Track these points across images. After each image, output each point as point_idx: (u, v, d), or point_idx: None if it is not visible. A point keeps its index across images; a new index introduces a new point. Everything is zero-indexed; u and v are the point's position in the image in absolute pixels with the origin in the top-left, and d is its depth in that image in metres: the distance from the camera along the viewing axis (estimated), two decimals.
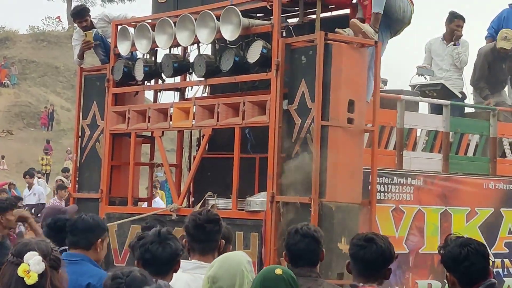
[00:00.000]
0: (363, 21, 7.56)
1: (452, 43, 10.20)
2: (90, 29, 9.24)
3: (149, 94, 9.55)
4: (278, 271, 3.88)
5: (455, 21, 10.25)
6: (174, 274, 4.28)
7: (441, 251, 4.38)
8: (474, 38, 10.58)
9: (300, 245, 4.66)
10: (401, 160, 8.13)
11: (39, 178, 20.94)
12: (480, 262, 4.31)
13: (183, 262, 4.40)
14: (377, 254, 4.48)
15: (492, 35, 10.48)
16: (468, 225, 8.39)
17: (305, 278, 4.54)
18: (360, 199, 7.20)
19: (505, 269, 8.52)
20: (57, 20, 55.26)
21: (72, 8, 9.84)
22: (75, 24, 9.57)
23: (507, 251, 8.68)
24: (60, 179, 17.57)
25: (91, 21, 9.39)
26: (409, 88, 9.74)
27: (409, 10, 7.78)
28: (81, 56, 9.33)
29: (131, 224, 8.18)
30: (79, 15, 9.38)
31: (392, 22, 7.77)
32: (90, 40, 9.09)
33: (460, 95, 9.86)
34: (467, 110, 10.03)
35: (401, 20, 7.80)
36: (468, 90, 10.23)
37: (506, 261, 8.64)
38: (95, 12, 9.92)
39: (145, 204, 9.53)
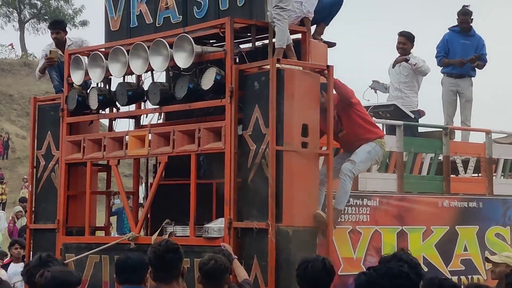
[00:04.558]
0: None
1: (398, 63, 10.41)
2: (63, 44, 9.52)
3: (104, 123, 9.53)
4: None
5: (398, 39, 10.47)
6: None
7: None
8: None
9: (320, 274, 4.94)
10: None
11: None
12: None
13: None
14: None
15: (442, 56, 10.93)
16: (425, 244, 8.47)
17: None
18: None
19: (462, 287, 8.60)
20: (10, 47, 54.78)
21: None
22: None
23: (463, 268, 8.77)
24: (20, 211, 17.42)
25: (66, 38, 9.63)
26: None
27: None
28: (42, 71, 9.56)
29: (89, 255, 8.12)
30: (52, 26, 9.84)
31: None
32: (53, 57, 9.27)
33: (412, 115, 9.97)
34: (424, 129, 10.16)
35: None
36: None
37: (463, 278, 8.72)
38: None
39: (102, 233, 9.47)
